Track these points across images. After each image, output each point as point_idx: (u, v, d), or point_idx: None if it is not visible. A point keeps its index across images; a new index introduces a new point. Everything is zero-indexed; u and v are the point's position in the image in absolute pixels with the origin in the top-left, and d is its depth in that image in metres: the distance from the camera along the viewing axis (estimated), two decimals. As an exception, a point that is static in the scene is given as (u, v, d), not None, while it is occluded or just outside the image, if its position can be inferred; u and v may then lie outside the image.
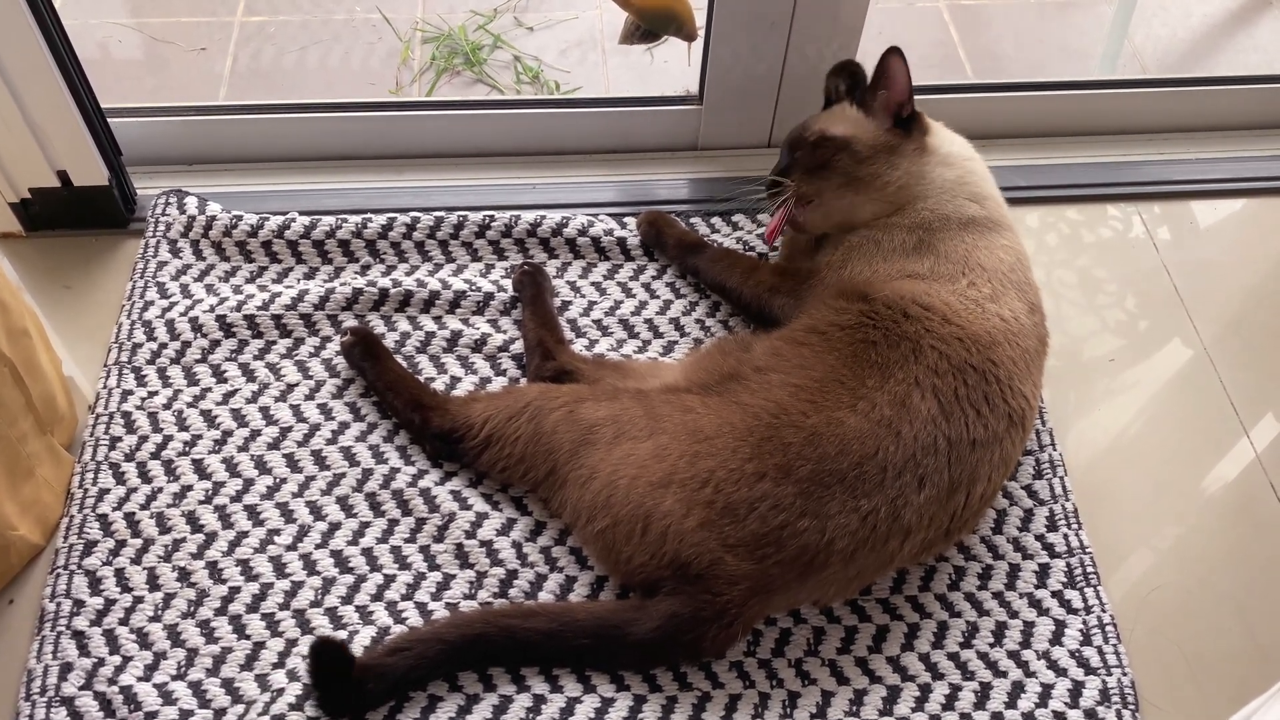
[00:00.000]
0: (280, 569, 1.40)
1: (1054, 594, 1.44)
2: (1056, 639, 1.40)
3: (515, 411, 1.42)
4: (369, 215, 1.74)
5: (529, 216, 1.75)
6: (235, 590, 1.39)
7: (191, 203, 1.75)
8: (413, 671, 1.28)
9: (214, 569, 1.40)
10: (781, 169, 1.59)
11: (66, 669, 1.32)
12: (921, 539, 1.33)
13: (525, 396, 1.44)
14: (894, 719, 1.33)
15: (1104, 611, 1.42)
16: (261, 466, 1.49)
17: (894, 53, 1.50)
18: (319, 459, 1.50)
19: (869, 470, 1.29)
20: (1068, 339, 1.71)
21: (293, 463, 1.50)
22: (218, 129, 1.86)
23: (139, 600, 1.37)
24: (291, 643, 1.35)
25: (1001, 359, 1.38)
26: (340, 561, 1.41)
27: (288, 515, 1.45)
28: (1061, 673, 1.37)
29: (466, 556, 1.41)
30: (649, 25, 1.72)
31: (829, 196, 1.53)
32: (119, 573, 1.39)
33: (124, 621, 1.36)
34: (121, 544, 1.42)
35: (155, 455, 1.50)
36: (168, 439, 1.51)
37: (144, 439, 1.51)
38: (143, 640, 1.35)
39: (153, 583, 1.39)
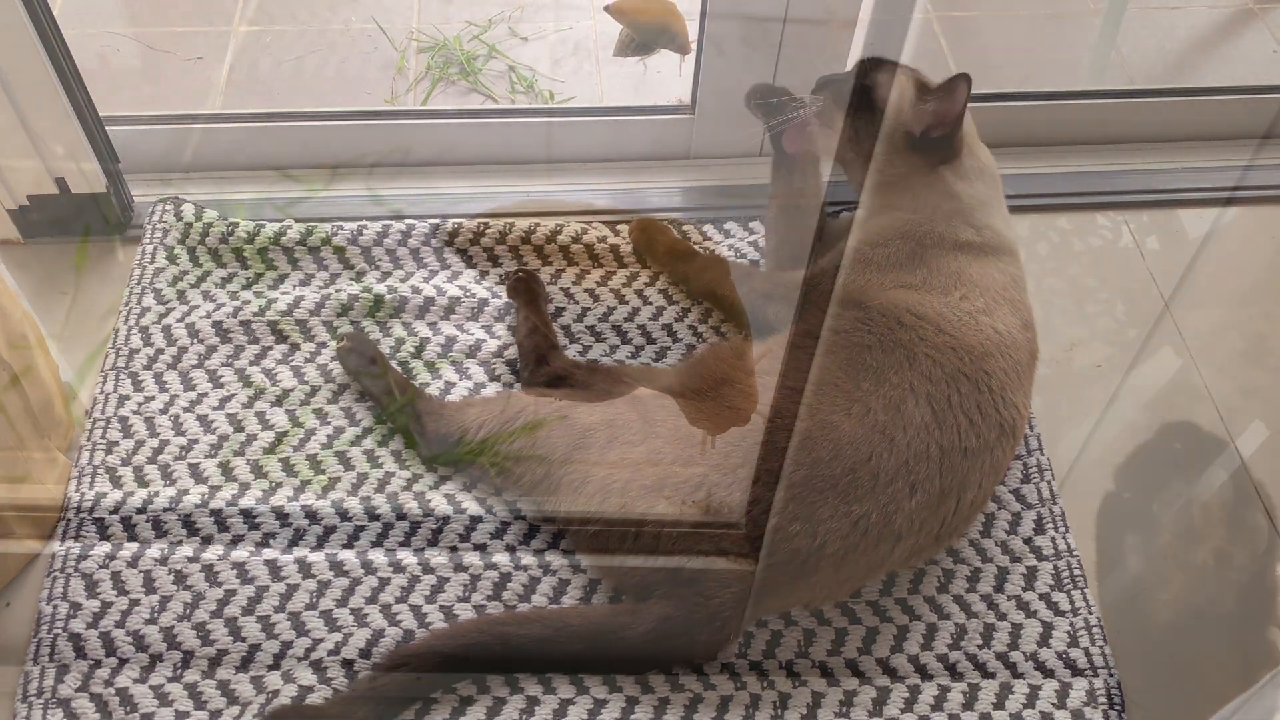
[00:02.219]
0: (275, 572, 1.41)
1: (1041, 596, 1.45)
2: (1044, 641, 1.41)
3: (510, 416, 1.43)
4: (364, 222, 1.76)
5: (523, 223, 1.76)
6: (231, 593, 1.39)
7: (188, 209, 1.76)
8: (412, 686, 1.29)
9: (209, 572, 1.41)
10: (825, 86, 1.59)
11: (63, 671, 1.33)
12: (912, 544, 1.34)
13: (520, 401, 1.45)
14: (884, 720, 1.35)
15: (1091, 614, 1.43)
16: (257, 471, 1.50)
17: (963, 79, 1.46)
18: (314, 463, 1.51)
19: (861, 476, 1.30)
20: (1057, 346, 1.73)
21: (288, 467, 1.51)
22: (214, 137, 1.87)
23: (135, 603, 1.38)
24: (286, 645, 1.36)
25: (994, 369, 1.39)
26: (335, 565, 1.42)
27: (283, 519, 1.46)
28: (1049, 674, 1.39)
29: (461, 560, 1.42)
30: (644, 38, 1.73)
31: (840, 133, 1.54)
32: (115, 576, 1.40)
33: (120, 624, 1.37)
34: (118, 548, 1.42)
35: (152, 460, 1.51)
36: (164, 444, 1.52)
37: (140, 444, 1.52)
38: (139, 642, 1.35)
39: (149, 586, 1.40)
